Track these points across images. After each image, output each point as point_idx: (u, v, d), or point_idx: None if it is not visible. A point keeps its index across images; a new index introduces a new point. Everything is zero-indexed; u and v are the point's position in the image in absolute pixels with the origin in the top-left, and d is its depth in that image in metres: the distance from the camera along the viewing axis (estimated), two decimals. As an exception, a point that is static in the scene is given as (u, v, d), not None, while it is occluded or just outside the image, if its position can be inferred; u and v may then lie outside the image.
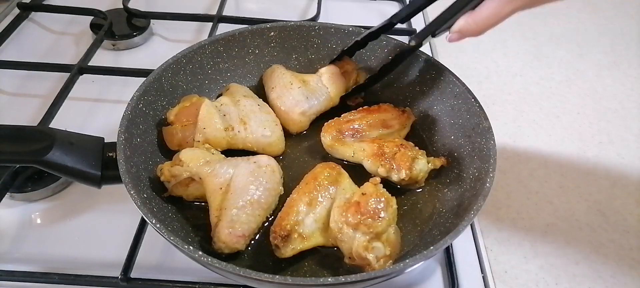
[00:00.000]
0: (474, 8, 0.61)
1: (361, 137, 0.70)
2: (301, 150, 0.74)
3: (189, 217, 0.64)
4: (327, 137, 0.70)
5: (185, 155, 0.63)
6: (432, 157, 0.68)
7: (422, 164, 0.66)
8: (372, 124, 0.71)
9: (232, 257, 0.60)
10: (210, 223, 0.62)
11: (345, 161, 0.70)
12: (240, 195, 0.60)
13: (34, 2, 1.05)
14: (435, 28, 0.65)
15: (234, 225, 0.58)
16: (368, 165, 0.67)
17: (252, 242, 0.61)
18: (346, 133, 0.70)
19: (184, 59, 0.74)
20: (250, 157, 0.65)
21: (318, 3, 1.06)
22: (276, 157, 0.69)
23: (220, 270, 0.51)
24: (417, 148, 0.68)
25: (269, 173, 0.63)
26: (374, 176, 0.64)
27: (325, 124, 0.71)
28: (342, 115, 0.72)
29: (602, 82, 0.98)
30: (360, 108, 0.74)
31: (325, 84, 0.77)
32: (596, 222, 0.73)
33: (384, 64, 0.74)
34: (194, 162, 0.62)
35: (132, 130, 0.64)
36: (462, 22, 0.62)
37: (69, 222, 0.68)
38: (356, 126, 0.70)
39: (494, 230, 0.71)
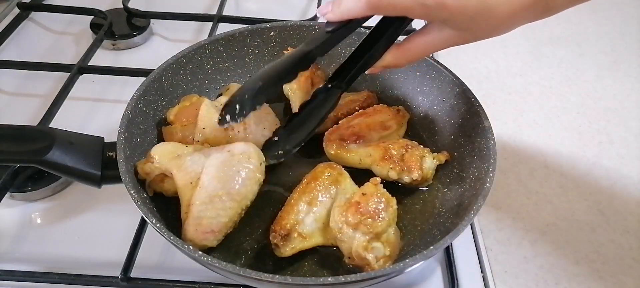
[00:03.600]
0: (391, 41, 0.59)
1: (364, 142, 0.69)
2: (301, 150, 0.74)
3: (189, 216, 0.64)
4: (331, 147, 0.69)
5: (156, 150, 0.61)
6: (435, 153, 0.68)
7: (430, 162, 0.66)
8: (371, 127, 0.71)
9: (232, 257, 0.60)
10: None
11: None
12: (208, 188, 0.57)
13: (34, 2, 1.05)
14: (362, 70, 0.61)
15: (200, 221, 0.56)
16: (377, 170, 0.66)
17: (250, 240, 0.62)
18: (349, 140, 0.69)
19: (184, 58, 0.74)
20: (225, 145, 0.62)
21: (318, 3, 1.06)
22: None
23: (220, 269, 0.51)
24: (421, 146, 0.69)
25: (243, 161, 0.59)
26: (384, 179, 0.63)
27: (326, 133, 0.70)
28: (339, 122, 0.72)
29: (602, 82, 0.98)
30: (357, 112, 0.73)
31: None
32: (596, 222, 0.73)
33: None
34: (164, 158, 0.60)
35: (132, 130, 0.64)
36: (390, 57, 0.58)
37: (69, 222, 0.68)
38: (357, 131, 0.70)
39: (494, 230, 0.71)
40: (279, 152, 0.63)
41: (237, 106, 0.55)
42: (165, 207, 0.63)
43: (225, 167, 0.59)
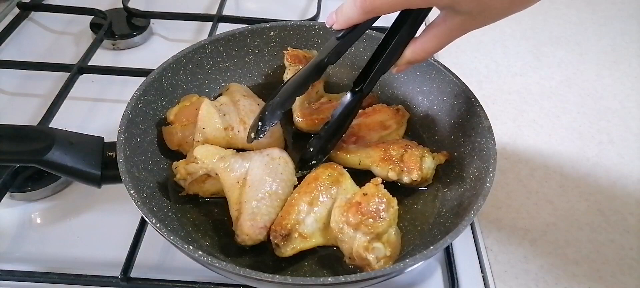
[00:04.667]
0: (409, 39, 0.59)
1: (364, 142, 0.69)
2: (301, 150, 0.74)
3: (189, 216, 0.64)
4: None
5: (199, 152, 0.63)
6: (435, 153, 0.68)
7: (430, 162, 0.66)
8: (371, 127, 0.71)
9: (232, 257, 0.60)
10: (209, 223, 0.62)
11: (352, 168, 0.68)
12: (258, 187, 0.61)
13: (33, 2, 1.05)
14: (382, 71, 0.63)
15: (255, 218, 0.59)
16: (377, 170, 0.66)
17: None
18: (348, 140, 0.69)
19: (183, 58, 0.74)
20: (262, 150, 0.66)
21: (318, 3, 1.06)
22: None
23: (220, 269, 0.51)
24: (421, 146, 0.68)
25: (283, 164, 0.64)
26: (384, 180, 0.63)
27: None
28: None
29: (602, 82, 0.98)
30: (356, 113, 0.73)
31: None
32: (596, 222, 0.73)
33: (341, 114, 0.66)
34: (209, 159, 0.63)
35: (132, 130, 0.64)
36: (409, 53, 0.59)
37: (69, 222, 0.68)
38: (357, 131, 0.70)
39: (494, 230, 0.71)
40: (313, 163, 0.67)
41: (260, 123, 0.60)
42: (166, 207, 0.63)
43: (269, 169, 0.63)
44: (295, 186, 0.64)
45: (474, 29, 0.55)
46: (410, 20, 0.59)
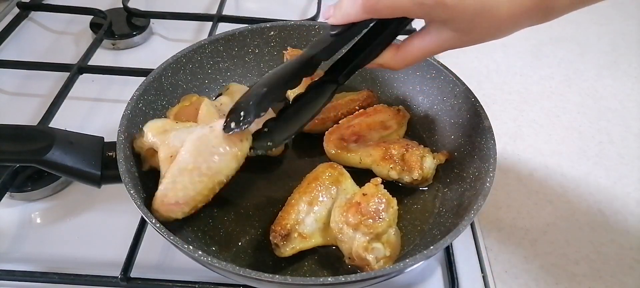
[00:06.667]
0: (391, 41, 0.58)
1: (364, 142, 0.69)
2: (302, 150, 0.74)
3: (189, 216, 0.64)
4: (332, 147, 0.69)
5: (148, 125, 0.62)
6: (435, 153, 0.69)
7: (430, 161, 0.66)
8: (371, 126, 0.71)
9: (232, 257, 0.60)
10: (208, 223, 0.62)
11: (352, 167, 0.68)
12: (180, 162, 0.58)
13: (33, 2, 1.05)
14: (359, 67, 0.60)
15: (167, 193, 0.57)
16: (378, 169, 0.66)
17: (250, 240, 0.62)
18: (349, 140, 0.69)
19: (183, 58, 0.74)
20: (213, 121, 0.61)
21: (318, 3, 1.06)
22: (277, 157, 0.69)
23: (220, 269, 0.51)
24: (422, 146, 0.69)
25: (220, 136, 0.58)
26: (385, 179, 0.63)
27: (327, 133, 0.70)
28: (340, 122, 0.72)
29: (602, 82, 0.98)
30: (357, 112, 0.73)
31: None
32: (596, 222, 0.73)
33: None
34: (152, 132, 0.61)
35: (132, 130, 0.64)
36: (387, 56, 0.58)
37: (69, 221, 0.68)
38: (357, 131, 0.70)
39: (494, 230, 0.71)
40: (268, 143, 0.61)
41: (242, 113, 0.56)
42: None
43: (203, 143, 0.58)
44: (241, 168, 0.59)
45: (455, 47, 0.55)
46: (396, 21, 0.58)
